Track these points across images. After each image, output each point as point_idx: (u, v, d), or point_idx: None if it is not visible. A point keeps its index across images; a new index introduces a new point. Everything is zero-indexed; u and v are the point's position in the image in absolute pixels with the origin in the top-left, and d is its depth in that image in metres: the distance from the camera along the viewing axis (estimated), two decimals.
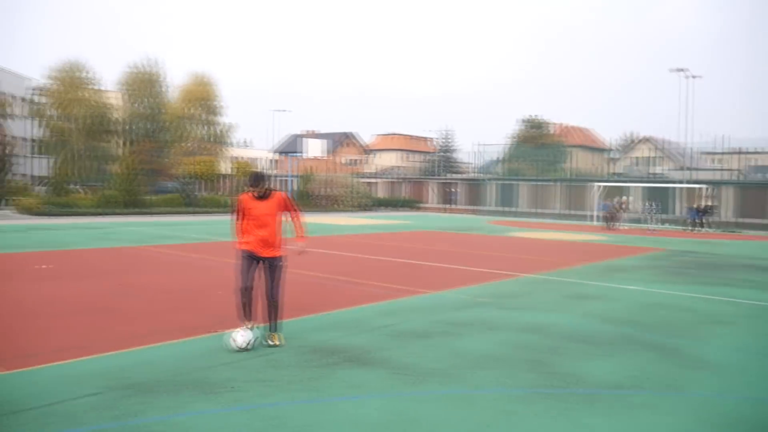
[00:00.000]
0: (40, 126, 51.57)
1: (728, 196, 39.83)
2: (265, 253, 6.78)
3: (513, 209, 49.76)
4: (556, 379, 5.79)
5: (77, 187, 40.52)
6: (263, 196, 6.80)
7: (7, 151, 36.80)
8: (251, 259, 6.80)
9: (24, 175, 52.66)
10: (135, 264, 13.43)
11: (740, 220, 38.24)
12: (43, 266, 12.48)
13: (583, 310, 9.32)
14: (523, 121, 76.23)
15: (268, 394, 5.11)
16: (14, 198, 35.59)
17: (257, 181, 6.74)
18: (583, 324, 8.30)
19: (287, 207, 6.92)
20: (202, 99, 60.91)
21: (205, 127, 62.47)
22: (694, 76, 40.95)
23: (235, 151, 71.43)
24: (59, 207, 31.75)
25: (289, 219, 7.00)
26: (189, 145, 59.65)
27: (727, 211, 38.99)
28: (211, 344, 6.65)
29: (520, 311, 9.07)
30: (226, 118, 61.71)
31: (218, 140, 63.34)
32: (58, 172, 34.28)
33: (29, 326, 7.29)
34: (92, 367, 5.68)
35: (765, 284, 12.74)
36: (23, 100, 53.43)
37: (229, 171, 63.19)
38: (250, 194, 6.82)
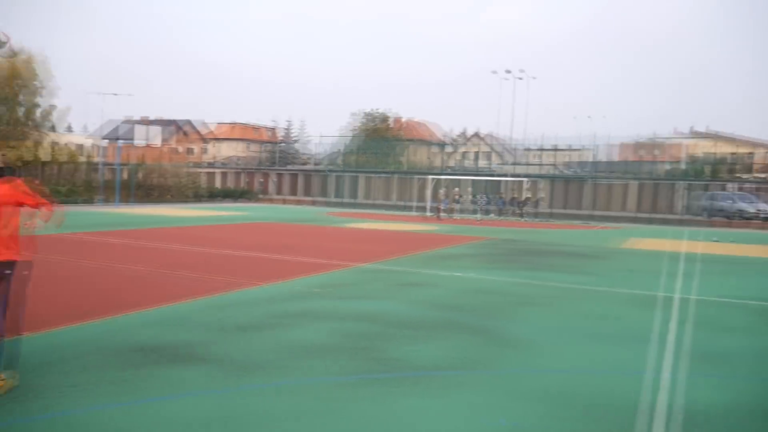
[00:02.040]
0: None
1: (553, 189, 43.56)
2: None
3: (351, 200, 50.63)
4: (381, 365, 6.02)
5: None
6: None
7: None
8: None
9: None
10: None
11: (561, 210, 41.94)
12: None
13: (410, 297, 9.75)
14: (365, 114, 77.76)
15: (78, 399, 4.79)
16: None
17: None
18: (410, 310, 8.68)
19: (25, 196, 5.06)
20: (15, 78, 55.34)
21: (21, 110, 56.86)
22: (520, 78, 44.07)
23: (61, 137, 65.71)
24: None
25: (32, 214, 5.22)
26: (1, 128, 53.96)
27: (553, 202, 42.60)
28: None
29: (351, 300, 9.29)
30: (57, 101, 56.64)
31: (37, 124, 57.87)
32: None
33: None
34: None
35: (570, 268, 14.12)
36: None
37: (49, 158, 58.05)
38: None
